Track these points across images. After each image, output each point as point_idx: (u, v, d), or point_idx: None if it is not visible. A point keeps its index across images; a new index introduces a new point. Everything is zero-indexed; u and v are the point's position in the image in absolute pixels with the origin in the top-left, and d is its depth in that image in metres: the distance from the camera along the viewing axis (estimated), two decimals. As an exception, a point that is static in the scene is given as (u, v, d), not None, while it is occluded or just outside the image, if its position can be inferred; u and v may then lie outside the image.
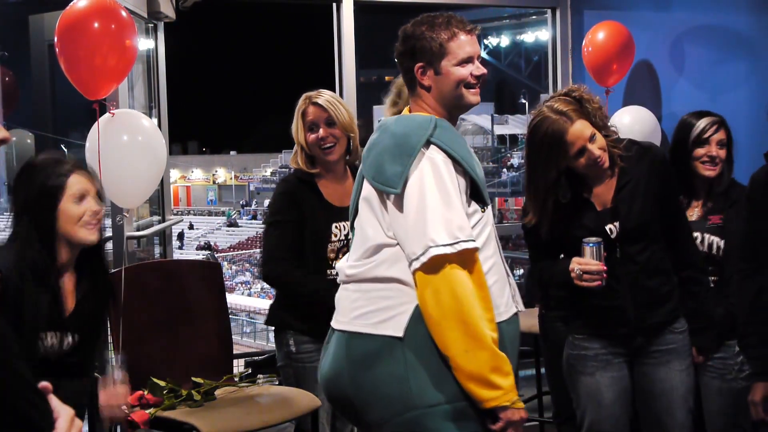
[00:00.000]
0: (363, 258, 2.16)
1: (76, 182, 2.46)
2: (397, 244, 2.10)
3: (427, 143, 2.09)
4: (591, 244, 2.59)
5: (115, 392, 2.46)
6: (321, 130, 3.03)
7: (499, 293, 2.15)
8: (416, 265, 2.04)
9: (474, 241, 2.05)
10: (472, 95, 2.21)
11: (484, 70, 2.20)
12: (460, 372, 2.04)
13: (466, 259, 2.04)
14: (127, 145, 3.27)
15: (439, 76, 2.18)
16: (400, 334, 2.08)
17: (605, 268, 2.57)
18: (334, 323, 2.23)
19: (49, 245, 2.41)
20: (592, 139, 2.57)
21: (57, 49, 3.18)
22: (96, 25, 3.11)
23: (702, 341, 2.81)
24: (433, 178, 2.05)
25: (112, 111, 3.29)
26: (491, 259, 2.15)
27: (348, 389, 2.15)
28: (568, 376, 2.79)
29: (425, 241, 2.02)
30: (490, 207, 2.22)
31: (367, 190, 2.16)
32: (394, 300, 2.10)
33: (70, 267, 2.51)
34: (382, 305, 2.11)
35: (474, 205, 2.15)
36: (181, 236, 40.34)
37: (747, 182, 2.69)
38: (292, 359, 3.07)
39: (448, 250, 2.01)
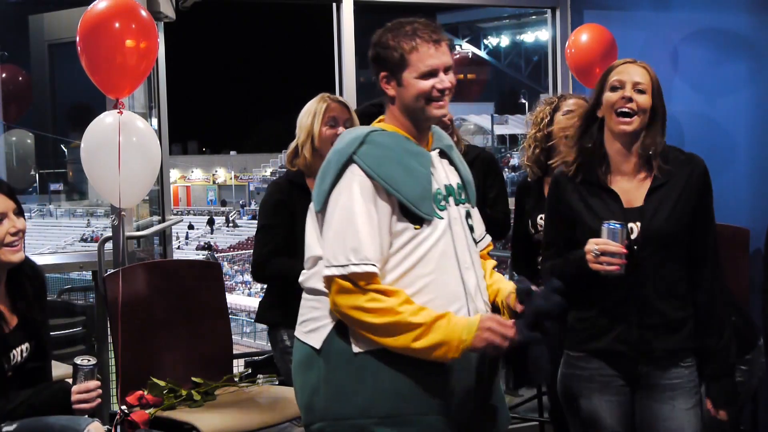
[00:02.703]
0: (306, 267, 2.21)
1: None
2: None
3: (351, 161, 2.09)
4: (611, 225, 2.35)
5: (85, 387, 2.42)
6: (340, 128, 3.07)
7: (439, 311, 2.07)
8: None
9: (371, 264, 2.03)
10: (435, 109, 2.15)
11: (449, 84, 2.14)
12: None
13: (358, 280, 2.04)
14: (122, 146, 3.27)
15: (401, 88, 2.15)
16: (318, 346, 2.13)
17: (626, 251, 2.33)
18: None
19: None
20: (637, 87, 2.42)
21: (78, 48, 3.24)
22: (117, 25, 3.18)
23: (716, 391, 2.45)
24: (343, 199, 2.08)
25: (121, 110, 3.30)
26: (428, 277, 2.10)
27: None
28: (563, 398, 2.57)
29: (324, 261, 2.08)
30: (447, 220, 2.15)
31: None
32: (320, 312, 2.15)
33: (1, 285, 2.46)
34: (312, 316, 2.18)
35: (404, 223, 2.10)
36: (211, 222, 44.59)
37: (748, 184, 2.66)
38: (289, 354, 3.07)
39: (337, 271, 2.04)
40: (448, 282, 2.13)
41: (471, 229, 2.26)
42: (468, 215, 2.26)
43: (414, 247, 2.10)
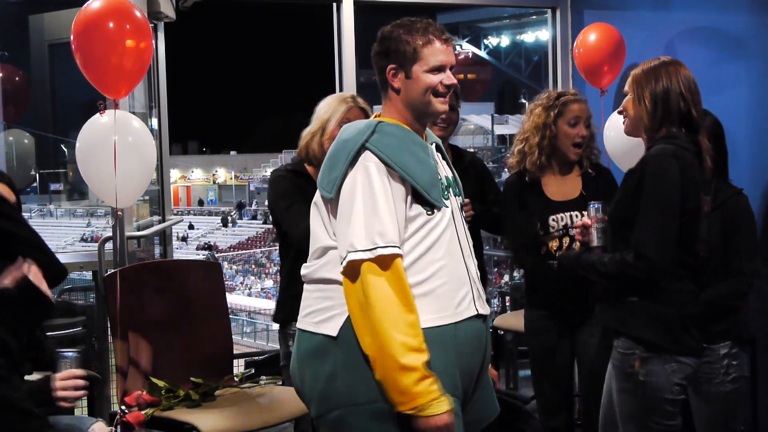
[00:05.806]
0: (312, 259, 2.23)
1: None
2: None
3: (364, 149, 2.13)
4: (590, 205, 2.76)
5: (69, 374, 2.43)
6: None
7: (450, 295, 2.17)
8: (339, 268, 2.11)
9: (396, 247, 2.08)
10: (439, 103, 2.23)
11: (455, 81, 2.23)
12: (375, 373, 2.07)
13: (385, 264, 2.07)
14: (117, 146, 3.26)
15: (409, 80, 2.21)
16: (335, 334, 2.14)
17: (579, 224, 2.78)
18: None
19: None
20: None
21: (73, 47, 3.24)
22: (111, 25, 3.18)
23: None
24: (361, 185, 2.10)
25: (103, 111, 3.30)
26: (439, 262, 2.16)
27: (298, 383, 2.26)
28: None
29: (346, 246, 2.09)
30: (450, 209, 2.22)
31: (317, 194, 2.24)
32: (334, 301, 2.15)
33: None
34: (323, 305, 2.18)
35: (417, 209, 2.16)
36: (240, 205, 45.47)
37: (749, 184, 2.65)
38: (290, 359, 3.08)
39: (365, 255, 2.06)
40: (456, 267, 2.20)
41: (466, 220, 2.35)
42: (461, 207, 2.34)
43: (427, 232, 2.16)
